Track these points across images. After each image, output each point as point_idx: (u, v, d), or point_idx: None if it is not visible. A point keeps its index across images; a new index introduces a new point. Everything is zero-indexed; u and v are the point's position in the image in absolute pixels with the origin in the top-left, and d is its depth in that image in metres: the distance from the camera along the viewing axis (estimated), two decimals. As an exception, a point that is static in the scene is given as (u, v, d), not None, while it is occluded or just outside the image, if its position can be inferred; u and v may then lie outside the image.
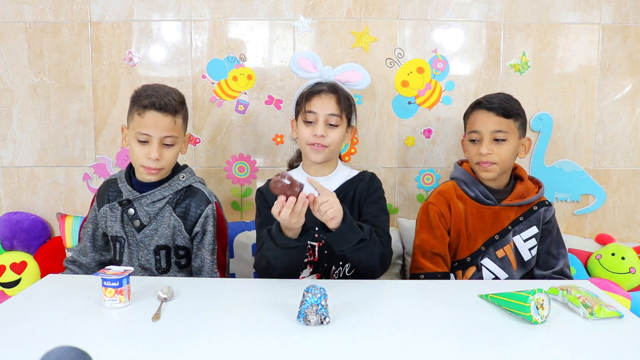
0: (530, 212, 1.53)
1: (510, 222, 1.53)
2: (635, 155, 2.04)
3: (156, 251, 1.48)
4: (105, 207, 1.51)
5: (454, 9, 1.96)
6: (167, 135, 1.41)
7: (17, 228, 1.97)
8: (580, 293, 1.14)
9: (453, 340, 1.00)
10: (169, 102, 1.40)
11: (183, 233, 1.48)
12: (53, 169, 2.05)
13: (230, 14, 1.96)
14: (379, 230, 1.40)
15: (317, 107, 1.45)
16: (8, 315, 1.10)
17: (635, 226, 2.08)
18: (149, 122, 1.39)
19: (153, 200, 1.46)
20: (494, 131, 1.49)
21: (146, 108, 1.39)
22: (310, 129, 1.45)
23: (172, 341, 0.98)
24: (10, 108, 2.02)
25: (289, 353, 0.94)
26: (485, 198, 1.53)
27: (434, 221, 1.54)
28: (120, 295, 1.13)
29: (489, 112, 1.51)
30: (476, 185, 1.55)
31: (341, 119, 1.46)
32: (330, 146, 1.45)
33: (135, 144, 1.42)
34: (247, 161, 2.03)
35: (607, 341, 0.99)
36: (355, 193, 1.49)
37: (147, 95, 1.40)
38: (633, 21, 1.97)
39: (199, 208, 1.48)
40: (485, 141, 1.50)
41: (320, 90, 1.46)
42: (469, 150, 1.56)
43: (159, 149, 1.41)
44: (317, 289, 1.05)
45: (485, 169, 1.51)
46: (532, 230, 1.53)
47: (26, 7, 1.96)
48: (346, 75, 1.53)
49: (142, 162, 1.42)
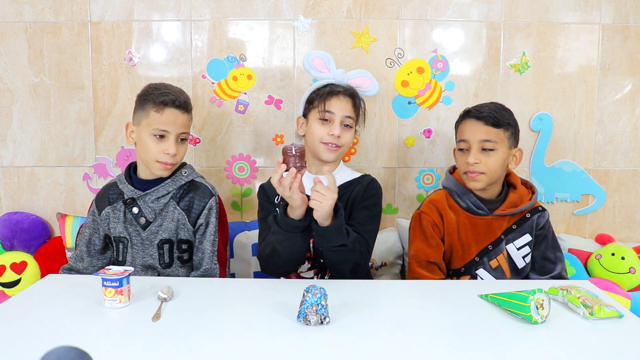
0: (523, 219, 1.52)
1: (502, 232, 1.51)
2: (635, 155, 2.04)
3: (160, 245, 1.50)
4: (107, 209, 1.53)
5: (454, 9, 1.96)
6: (183, 131, 1.47)
7: (17, 228, 1.97)
8: (580, 293, 1.14)
9: (453, 340, 1.00)
10: (185, 99, 1.48)
11: (187, 226, 1.50)
12: (53, 169, 2.05)
13: (230, 14, 1.96)
14: (361, 239, 1.40)
15: (335, 108, 1.47)
16: (8, 315, 1.10)
17: (635, 226, 2.08)
18: (168, 119, 1.44)
19: (157, 196, 1.49)
20: (482, 140, 1.48)
21: (166, 105, 1.43)
22: (327, 127, 1.47)
23: (172, 341, 0.98)
24: (10, 108, 2.02)
25: (289, 353, 0.94)
26: (476, 208, 1.51)
27: (427, 231, 1.53)
28: (120, 295, 1.13)
29: (478, 121, 1.49)
30: (467, 196, 1.53)
31: (354, 121, 1.51)
32: (342, 147, 1.48)
33: (150, 139, 1.45)
34: (247, 161, 2.03)
35: (607, 341, 0.99)
36: (351, 196, 1.49)
37: (165, 93, 1.45)
38: (633, 21, 1.97)
39: (202, 200, 1.52)
40: (473, 150, 1.48)
41: (339, 91, 1.49)
42: (458, 160, 1.55)
43: (175, 145, 1.45)
44: (317, 289, 1.05)
45: (472, 178, 1.49)
46: (525, 238, 1.51)
47: (26, 7, 1.96)
48: (357, 81, 1.57)
49: (158, 158, 1.45)
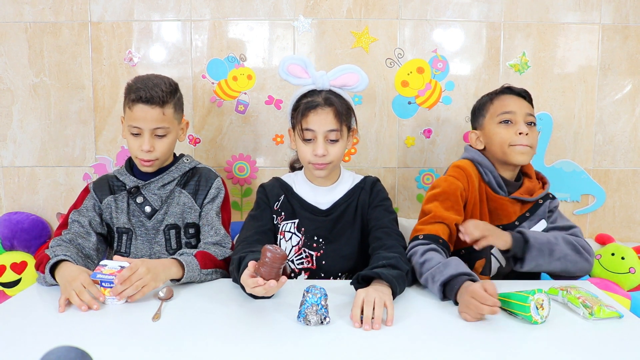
0: (536, 206, 1.50)
1: (517, 218, 1.49)
2: (635, 155, 2.04)
3: (165, 231, 1.50)
4: (108, 198, 1.50)
5: (454, 9, 1.96)
6: (156, 126, 1.44)
7: (17, 228, 1.97)
8: (580, 293, 1.14)
9: (453, 340, 1.00)
10: (155, 94, 1.42)
11: (194, 207, 1.51)
12: (53, 169, 2.05)
13: (230, 14, 1.96)
14: (389, 230, 1.39)
15: (314, 124, 1.38)
16: (8, 315, 1.10)
17: (635, 226, 2.08)
18: (138, 115, 1.43)
19: (163, 183, 1.50)
20: (528, 114, 1.47)
21: (134, 102, 1.43)
22: (310, 147, 1.39)
23: (172, 341, 0.98)
24: (10, 108, 2.02)
25: (289, 353, 0.94)
26: (497, 187, 1.49)
27: (453, 197, 1.44)
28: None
29: (519, 97, 1.49)
30: (492, 172, 1.50)
31: (341, 132, 1.40)
32: (333, 162, 1.41)
33: (129, 136, 1.47)
34: (247, 161, 2.03)
35: (607, 341, 0.99)
36: (359, 203, 1.47)
37: (136, 89, 1.43)
38: (633, 21, 1.97)
39: (209, 181, 1.54)
40: (521, 123, 1.45)
41: (317, 104, 1.38)
42: (500, 132, 1.47)
43: (150, 141, 1.44)
44: (317, 289, 1.05)
45: (521, 152, 1.44)
46: (541, 224, 1.49)
47: (26, 7, 1.96)
48: (342, 79, 1.44)
49: (136, 154, 1.47)
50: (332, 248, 1.45)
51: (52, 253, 1.29)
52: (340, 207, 1.47)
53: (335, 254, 1.44)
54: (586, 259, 1.37)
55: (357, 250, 1.46)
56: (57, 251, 1.31)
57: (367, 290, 1.11)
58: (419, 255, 1.30)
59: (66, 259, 1.26)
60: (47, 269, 1.24)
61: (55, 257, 1.26)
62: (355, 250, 1.46)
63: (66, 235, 1.41)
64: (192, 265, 1.29)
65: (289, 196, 1.49)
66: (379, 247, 1.35)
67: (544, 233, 1.39)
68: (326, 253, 1.44)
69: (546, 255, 1.33)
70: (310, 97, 1.42)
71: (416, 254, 1.32)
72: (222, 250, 1.43)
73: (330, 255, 1.44)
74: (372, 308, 1.06)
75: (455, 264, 1.21)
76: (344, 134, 1.42)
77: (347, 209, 1.47)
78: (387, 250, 1.32)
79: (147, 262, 1.21)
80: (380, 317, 1.05)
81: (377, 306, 1.06)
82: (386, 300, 1.08)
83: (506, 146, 1.46)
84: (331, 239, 1.45)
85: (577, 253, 1.36)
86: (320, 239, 1.45)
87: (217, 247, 1.44)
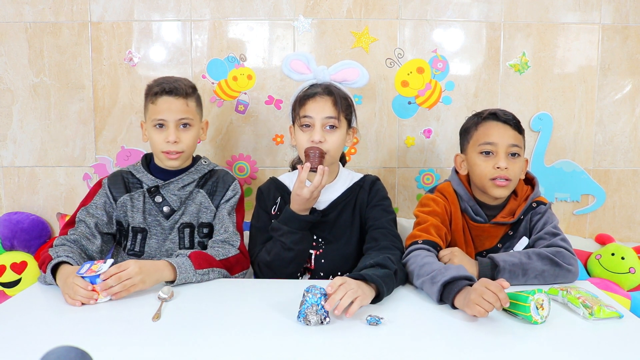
0: (517, 222, 1.46)
1: (499, 240, 1.47)
2: (635, 155, 2.04)
3: (180, 229, 1.49)
4: (124, 196, 1.49)
5: (454, 9, 1.96)
6: (181, 117, 1.46)
7: (17, 228, 1.97)
8: (580, 293, 1.14)
9: (453, 340, 1.00)
10: (178, 86, 1.46)
11: (210, 208, 1.51)
12: (53, 169, 2.05)
13: (230, 14, 1.96)
14: (386, 231, 1.38)
15: (312, 111, 1.38)
16: (8, 315, 1.10)
17: (635, 226, 2.08)
18: (162, 107, 1.45)
19: (183, 184, 1.50)
20: (511, 145, 1.40)
21: (158, 95, 1.45)
22: (308, 134, 1.39)
23: (172, 341, 0.98)
24: (10, 108, 2.02)
25: (289, 353, 0.94)
26: (475, 214, 1.46)
27: (439, 212, 1.45)
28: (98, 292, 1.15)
29: (505, 124, 1.41)
30: (468, 201, 1.47)
31: (339, 120, 1.39)
32: (329, 151, 1.38)
33: (153, 131, 1.47)
34: (247, 161, 2.03)
35: (607, 341, 0.99)
36: (357, 201, 1.46)
37: (159, 84, 1.47)
38: (633, 21, 1.97)
39: (226, 184, 1.54)
40: (502, 155, 1.39)
41: (315, 92, 1.40)
42: (480, 165, 1.42)
43: (175, 132, 1.45)
44: (317, 289, 1.06)
45: (501, 186, 1.39)
46: (523, 241, 1.45)
47: (26, 7, 1.96)
48: (342, 74, 1.47)
49: (162, 148, 1.46)
50: (331, 248, 1.45)
51: (54, 253, 1.29)
52: (338, 206, 1.46)
53: (334, 254, 1.44)
54: (567, 270, 1.30)
55: (357, 249, 1.46)
56: (59, 252, 1.31)
57: (348, 281, 1.09)
58: (421, 258, 1.29)
59: (67, 261, 1.27)
60: (49, 270, 1.25)
61: (57, 257, 1.27)
62: (354, 249, 1.45)
63: (71, 235, 1.41)
64: (184, 267, 1.28)
65: (286, 197, 1.48)
66: (372, 247, 1.36)
67: (518, 252, 1.34)
68: (325, 252, 1.44)
69: (520, 276, 1.27)
70: (309, 89, 1.44)
71: (417, 257, 1.31)
72: (228, 248, 1.42)
73: (329, 254, 1.44)
74: (342, 295, 1.06)
75: (457, 268, 1.20)
76: (342, 123, 1.41)
77: (345, 208, 1.46)
78: (379, 250, 1.32)
79: (140, 263, 1.21)
80: (344, 306, 1.05)
81: (346, 297, 1.06)
82: (358, 298, 1.08)
83: (485, 179, 1.41)
84: (330, 239, 1.45)
85: (556, 266, 1.29)
86: (320, 239, 1.45)
87: (224, 245, 1.43)
